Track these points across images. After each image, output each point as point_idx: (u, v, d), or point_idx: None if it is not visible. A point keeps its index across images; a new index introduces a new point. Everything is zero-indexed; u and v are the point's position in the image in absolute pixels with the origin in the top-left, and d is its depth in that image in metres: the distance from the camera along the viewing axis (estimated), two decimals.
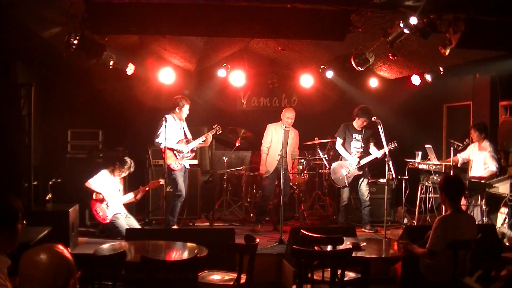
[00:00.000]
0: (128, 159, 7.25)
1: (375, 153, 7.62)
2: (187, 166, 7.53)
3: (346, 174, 7.73)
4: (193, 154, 7.57)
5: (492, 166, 7.23)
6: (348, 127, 7.84)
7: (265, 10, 5.24)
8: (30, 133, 6.89)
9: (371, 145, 7.77)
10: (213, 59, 8.39)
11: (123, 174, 7.28)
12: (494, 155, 7.27)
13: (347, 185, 7.75)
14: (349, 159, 7.74)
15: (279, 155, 7.55)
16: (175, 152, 7.30)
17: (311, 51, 7.77)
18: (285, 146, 7.60)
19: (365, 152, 7.76)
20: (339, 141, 7.86)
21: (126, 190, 7.52)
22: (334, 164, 7.93)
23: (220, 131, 7.61)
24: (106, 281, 3.82)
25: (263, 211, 7.94)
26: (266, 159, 7.83)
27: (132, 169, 7.29)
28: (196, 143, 7.48)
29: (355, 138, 7.79)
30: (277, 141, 7.71)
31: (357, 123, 7.77)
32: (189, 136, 7.54)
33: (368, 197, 7.78)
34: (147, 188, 7.47)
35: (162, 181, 7.32)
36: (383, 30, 5.52)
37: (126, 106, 8.89)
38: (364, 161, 7.69)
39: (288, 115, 7.73)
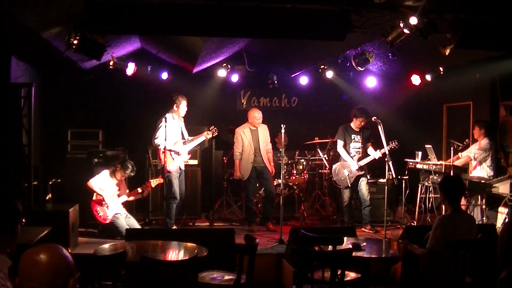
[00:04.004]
0: (129, 164, 7.18)
1: (373, 154, 7.62)
2: (182, 168, 7.51)
3: (348, 175, 7.73)
4: (190, 155, 7.56)
5: (471, 154, 7.32)
6: (347, 128, 7.84)
7: (265, 10, 5.24)
8: (30, 133, 6.88)
9: (369, 145, 7.78)
10: (213, 59, 8.38)
11: (123, 177, 7.26)
12: (484, 149, 7.32)
13: (349, 186, 7.75)
14: (349, 162, 7.75)
15: (253, 154, 7.70)
16: (171, 153, 7.28)
17: (311, 51, 7.76)
18: (257, 145, 7.74)
19: (364, 153, 7.77)
20: (340, 143, 7.85)
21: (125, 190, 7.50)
22: (335, 166, 7.93)
23: (216, 133, 7.60)
24: (106, 281, 3.82)
25: (251, 212, 7.94)
26: (239, 164, 7.86)
27: (133, 173, 7.27)
28: (193, 144, 7.46)
29: (354, 139, 7.79)
30: (248, 143, 7.79)
31: (355, 124, 7.78)
32: (186, 136, 7.52)
33: (369, 197, 7.77)
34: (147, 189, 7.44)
35: (153, 182, 7.26)
36: (383, 30, 5.52)
37: (126, 106, 8.88)
38: (362, 162, 7.69)
39: (257, 115, 7.83)
